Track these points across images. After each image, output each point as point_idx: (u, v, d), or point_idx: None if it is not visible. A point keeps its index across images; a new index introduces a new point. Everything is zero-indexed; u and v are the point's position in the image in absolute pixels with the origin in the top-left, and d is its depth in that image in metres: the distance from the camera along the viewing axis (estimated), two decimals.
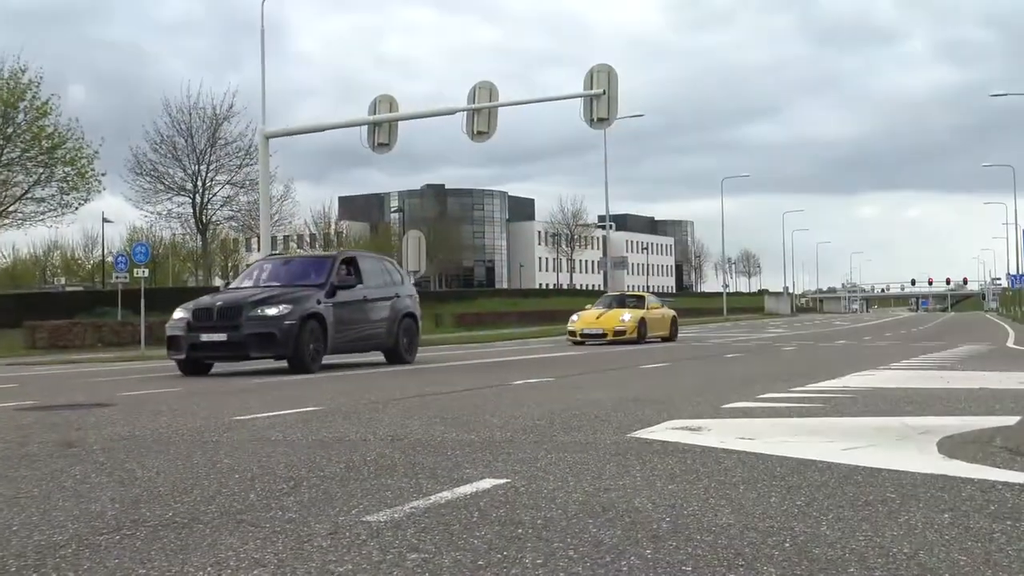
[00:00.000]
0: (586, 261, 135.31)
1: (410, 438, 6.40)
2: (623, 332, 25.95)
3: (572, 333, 27.04)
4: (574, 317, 27.53)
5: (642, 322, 26.42)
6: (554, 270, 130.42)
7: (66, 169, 49.54)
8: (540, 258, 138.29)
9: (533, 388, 10.89)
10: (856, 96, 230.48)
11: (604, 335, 26.04)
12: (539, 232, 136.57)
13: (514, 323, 60.10)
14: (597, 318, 26.71)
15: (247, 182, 55.37)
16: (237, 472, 5.06)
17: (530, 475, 4.82)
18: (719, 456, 5.41)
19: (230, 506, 4.17)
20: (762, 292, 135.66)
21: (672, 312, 29.11)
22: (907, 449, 5.68)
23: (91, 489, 4.66)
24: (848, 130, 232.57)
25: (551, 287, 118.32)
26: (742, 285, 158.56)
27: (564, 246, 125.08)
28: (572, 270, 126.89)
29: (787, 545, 3.41)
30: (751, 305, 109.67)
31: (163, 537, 3.64)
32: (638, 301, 28.43)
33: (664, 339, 27.39)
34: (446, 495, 4.31)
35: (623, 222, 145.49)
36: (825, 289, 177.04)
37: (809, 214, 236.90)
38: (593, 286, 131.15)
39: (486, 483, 4.59)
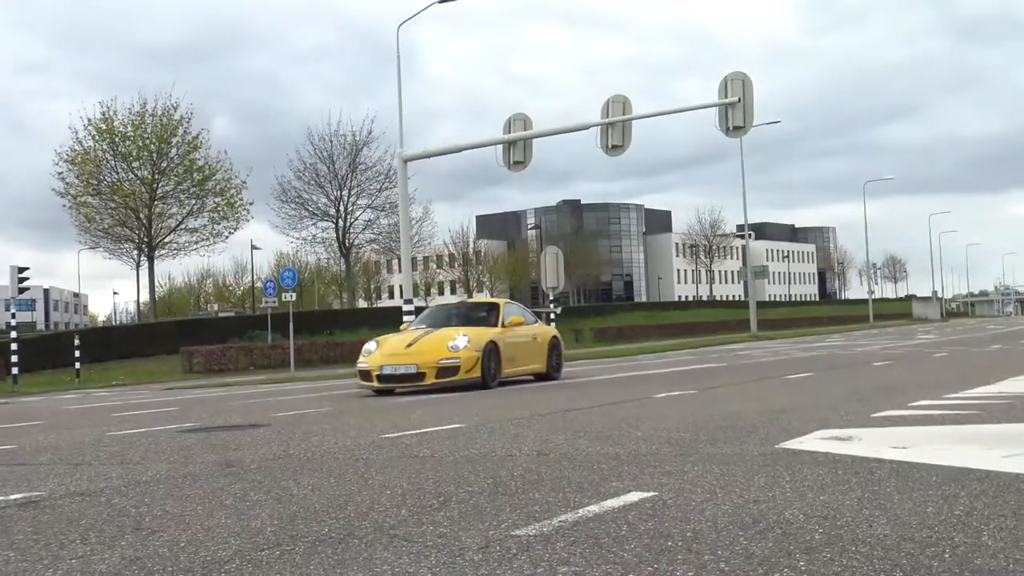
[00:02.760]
0: (726, 272, 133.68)
1: (555, 453, 6.42)
2: (454, 369, 15.14)
3: (366, 374, 15.61)
4: (370, 346, 16.15)
5: (491, 350, 15.68)
6: (693, 281, 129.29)
7: (216, 199, 51.50)
8: (679, 270, 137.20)
9: (676, 401, 10.81)
10: (1000, 92, 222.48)
11: (419, 376, 15.14)
12: (677, 244, 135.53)
13: (654, 336, 59.77)
14: (408, 346, 15.57)
15: (387, 205, 56.43)
16: (388, 488, 5.16)
17: (677, 488, 4.78)
18: (871, 466, 5.28)
19: (383, 521, 4.26)
20: (909, 297, 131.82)
21: (551, 332, 18.48)
22: None
23: (250, 506, 4.81)
24: (994, 127, 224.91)
25: (691, 299, 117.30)
26: (888, 291, 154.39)
27: (703, 257, 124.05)
28: (712, 281, 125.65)
29: (947, 556, 3.31)
30: (898, 311, 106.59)
31: (320, 552, 3.74)
32: (488, 313, 17.39)
33: (538, 376, 17.41)
34: (594, 509, 4.31)
35: (762, 230, 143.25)
36: (976, 292, 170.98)
37: (957, 215, 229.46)
38: (734, 296, 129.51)
39: (633, 496, 4.58)
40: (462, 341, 15.36)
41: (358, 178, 56.63)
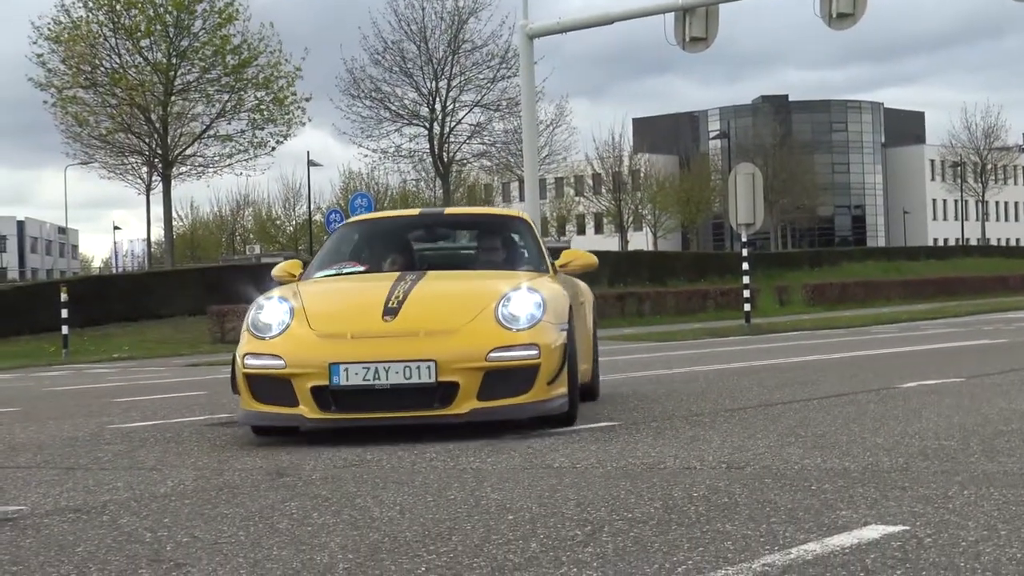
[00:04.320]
0: (1007, 203, 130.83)
1: (754, 465, 6.40)
2: (523, 373, 8.50)
3: (276, 386, 8.57)
4: (270, 312, 9.05)
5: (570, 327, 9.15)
6: (956, 218, 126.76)
7: (259, 94, 52.00)
8: (934, 200, 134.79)
9: (933, 393, 10.68)
10: None
11: (442, 391, 8.39)
12: (932, 161, 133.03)
13: (896, 297, 59.00)
14: (389, 314, 8.86)
15: (503, 102, 56.17)
16: (511, 512, 5.21)
17: (939, 521, 4.73)
18: None
19: (504, 560, 4.29)
20: None
21: (589, 292, 11.97)
22: None
23: (313, 533, 4.90)
24: None
25: (953, 243, 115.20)
26: None
27: (972, 182, 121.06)
28: (985, 217, 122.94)
29: None
30: None
31: None
32: (501, 243, 11.11)
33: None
34: (813, 548, 4.29)
35: None
36: None
37: None
38: (1019, 240, 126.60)
39: (872, 531, 4.54)
40: (530, 301, 8.84)
41: (462, 63, 56.53)
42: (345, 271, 10.18)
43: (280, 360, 8.27)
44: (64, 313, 33.26)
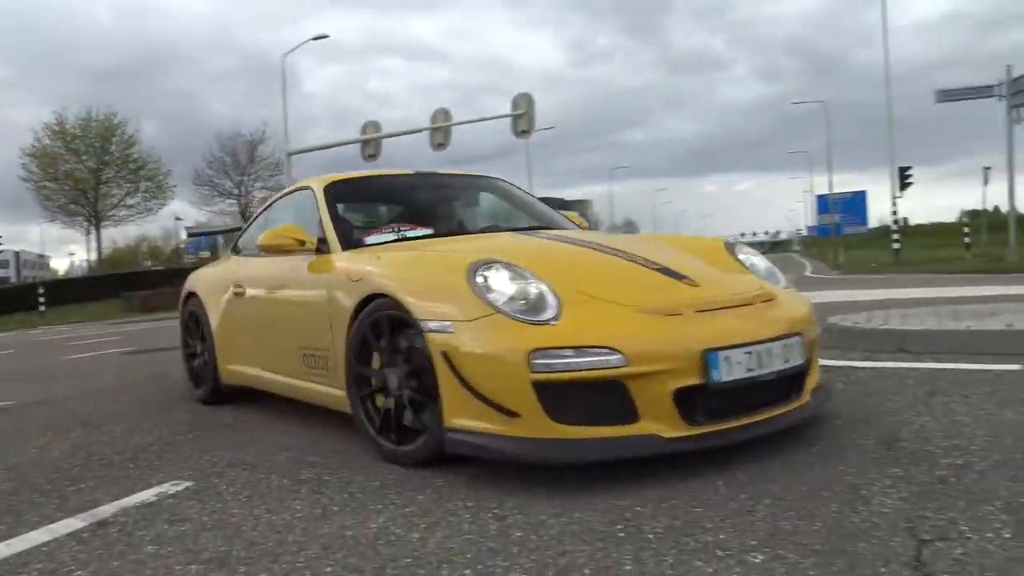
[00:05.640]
0: None
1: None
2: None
3: (573, 391, 2.28)
4: (509, 287, 2.44)
5: None
6: None
7: (148, 183, 48.82)
8: None
9: None
10: (701, 107, 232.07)
11: (793, 380, 2.58)
12: None
13: None
14: (683, 280, 2.62)
15: (278, 187, 54.40)
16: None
17: None
18: None
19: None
20: None
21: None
22: None
23: (173, 403, 4.66)
24: (695, 132, 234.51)
25: None
26: None
27: None
28: None
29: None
30: None
31: (227, 434, 3.66)
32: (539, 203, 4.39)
33: None
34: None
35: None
36: None
37: (670, 192, 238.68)
38: None
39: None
40: (763, 262, 3.24)
41: (255, 167, 54.31)
42: (409, 235, 3.60)
43: (616, 354, 2.32)
44: (41, 299, 30.37)
